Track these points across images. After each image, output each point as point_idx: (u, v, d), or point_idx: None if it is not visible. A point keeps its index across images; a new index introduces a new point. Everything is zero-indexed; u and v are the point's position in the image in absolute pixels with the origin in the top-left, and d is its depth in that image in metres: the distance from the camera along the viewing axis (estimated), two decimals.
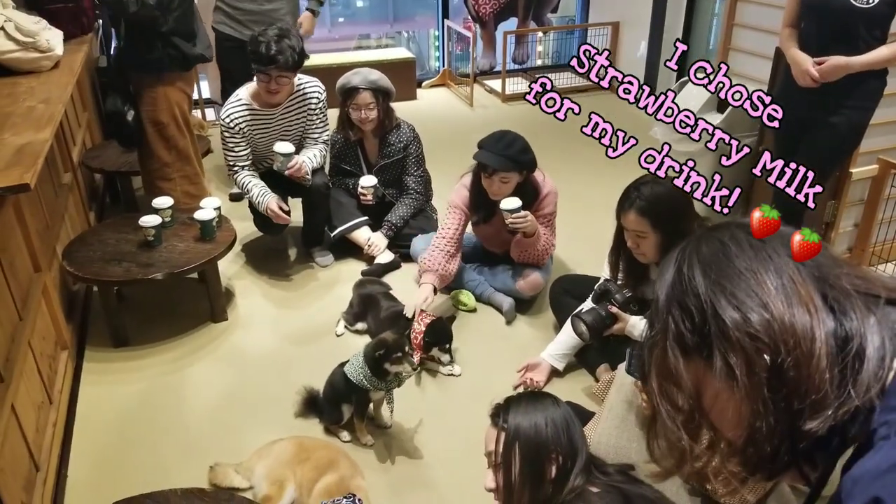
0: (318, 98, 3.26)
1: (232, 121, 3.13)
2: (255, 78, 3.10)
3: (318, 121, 3.31)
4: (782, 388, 0.71)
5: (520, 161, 2.80)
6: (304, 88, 3.23)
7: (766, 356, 0.71)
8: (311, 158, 3.23)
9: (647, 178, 2.30)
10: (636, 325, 2.29)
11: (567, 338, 2.55)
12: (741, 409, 0.74)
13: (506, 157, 2.77)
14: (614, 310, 2.33)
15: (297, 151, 3.22)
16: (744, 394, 0.73)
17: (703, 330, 0.75)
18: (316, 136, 3.32)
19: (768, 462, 0.75)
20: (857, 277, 0.76)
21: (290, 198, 3.35)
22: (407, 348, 2.21)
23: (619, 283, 2.43)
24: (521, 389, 2.51)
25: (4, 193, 1.62)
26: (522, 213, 2.77)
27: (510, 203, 2.76)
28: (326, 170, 3.44)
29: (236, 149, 3.18)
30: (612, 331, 2.35)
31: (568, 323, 2.50)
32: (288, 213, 3.17)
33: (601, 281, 2.47)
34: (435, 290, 2.90)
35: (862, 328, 0.72)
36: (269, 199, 3.12)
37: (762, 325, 0.72)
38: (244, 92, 3.16)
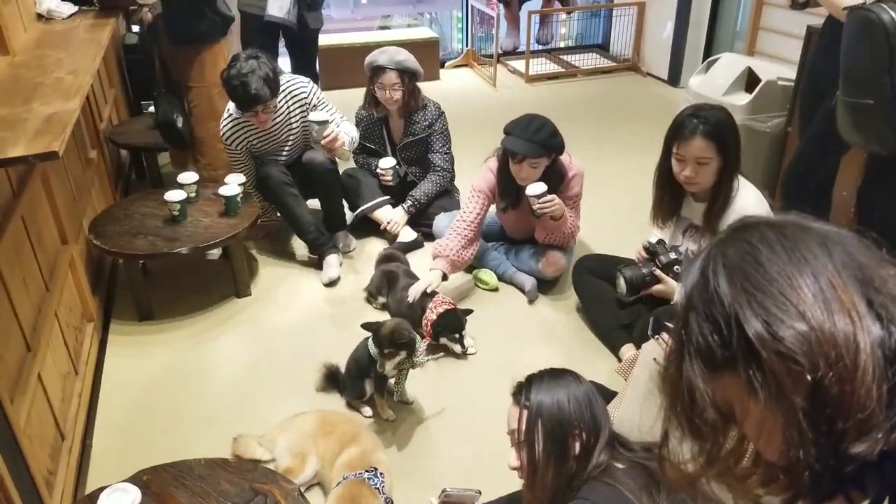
0: (305, 91, 3.16)
1: (227, 137, 3.14)
2: None
3: (320, 105, 3.20)
4: (824, 409, 0.63)
5: (549, 146, 2.76)
6: (289, 87, 3.13)
7: (806, 375, 0.62)
8: (346, 133, 3.19)
9: (705, 105, 2.31)
10: (678, 290, 2.26)
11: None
12: (776, 432, 0.66)
13: (535, 142, 2.73)
14: (658, 272, 2.36)
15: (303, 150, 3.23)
16: (775, 418, 0.65)
17: (730, 343, 0.67)
18: (335, 123, 3.26)
19: (810, 488, 0.66)
20: None
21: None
22: (405, 341, 2.19)
23: (666, 245, 2.44)
24: None
25: (34, 161, 1.63)
26: (549, 196, 2.73)
27: (536, 188, 2.72)
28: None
29: (237, 164, 3.22)
30: (652, 291, 2.39)
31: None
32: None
33: (651, 241, 2.47)
34: (445, 277, 2.87)
35: None
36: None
37: (796, 340, 0.63)
38: (232, 106, 3.07)
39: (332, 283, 3.10)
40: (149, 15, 3.29)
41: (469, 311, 2.70)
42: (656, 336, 1.92)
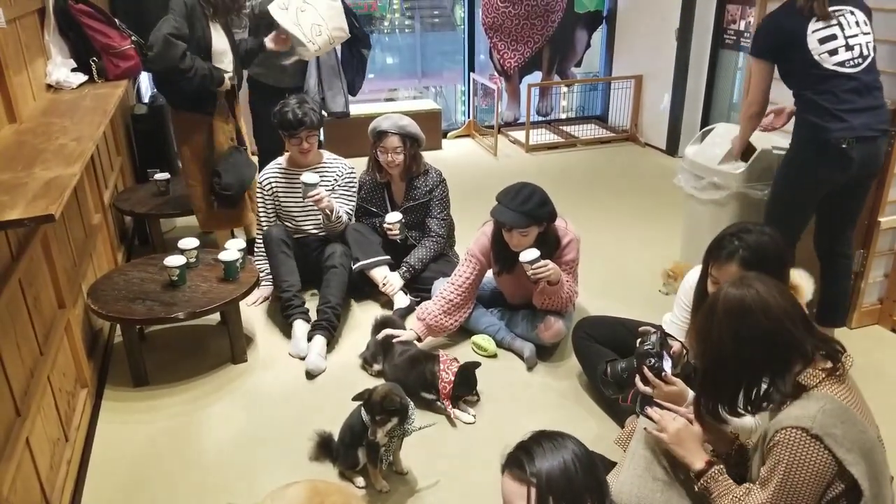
0: (340, 172, 3.45)
1: (265, 179, 3.45)
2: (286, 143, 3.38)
3: (343, 192, 3.44)
4: None
5: (536, 216, 2.76)
6: (330, 163, 3.46)
7: None
8: (340, 207, 3.36)
9: (749, 226, 2.11)
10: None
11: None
12: None
13: (522, 213, 2.74)
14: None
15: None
16: None
17: None
18: (340, 204, 3.40)
19: None
20: None
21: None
22: (396, 407, 2.15)
23: (661, 339, 2.04)
24: None
25: (29, 224, 1.65)
26: (542, 262, 2.73)
27: (529, 255, 2.72)
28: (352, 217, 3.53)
29: (261, 209, 3.48)
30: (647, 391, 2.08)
31: None
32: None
33: (648, 328, 2.14)
34: (419, 339, 2.94)
35: None
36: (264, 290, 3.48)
37: None
38: (282, 158, 3.46)
39: (301, 358, 2.98)
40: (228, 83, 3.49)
41: (477, 365, 2.68)
42: (643, 413, 1.87)
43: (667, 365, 1.90)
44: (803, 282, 2.55)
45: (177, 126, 3.53)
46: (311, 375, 2.91)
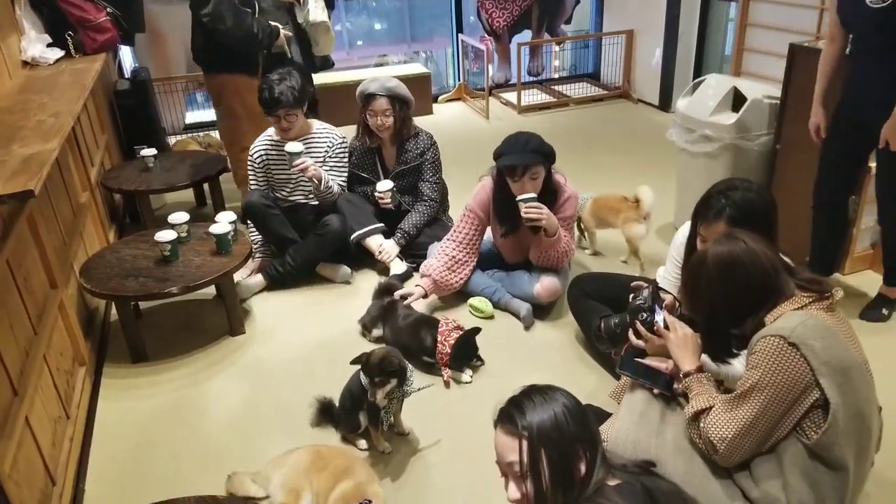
0: (332, 142, 3.39)
1: (256, 151, 3.41)
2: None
3: (334, 163, 3.40)
4: None
5: (544, 152, 2.79)
6: (319, 133, 3.39)
7: None
8: (331, 179, 3.33)
9: (737, 182, 2.07)
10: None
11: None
12: None
13: (529, 151, 2.76)
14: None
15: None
16: None
17: None
18: (331, 176, 3.36)
19: None
20: None
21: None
22: (395, 369, 2.16)
23: (653, 293, 2.05)
24: None
25: (8, 201, 1.63)
26: (537, 203, 2.74)
27: (526, 196, 2.75)
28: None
29: (252, 180, 3.47)
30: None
31: None
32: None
33: (641, 283, 2.14)
34: (425, 294, 2.96)
35: None
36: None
37: None
38: (272, 129, 3.38)
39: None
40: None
41: (478, 330, 2.68)
42: (622, 372, 1.88)
43: (659, 318, 1.90)
44: (645, 196, 3.17)
45: (216, 91, 3.61)
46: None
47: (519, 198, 2.75)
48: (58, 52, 2.90)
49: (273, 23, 3.47)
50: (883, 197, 2.76)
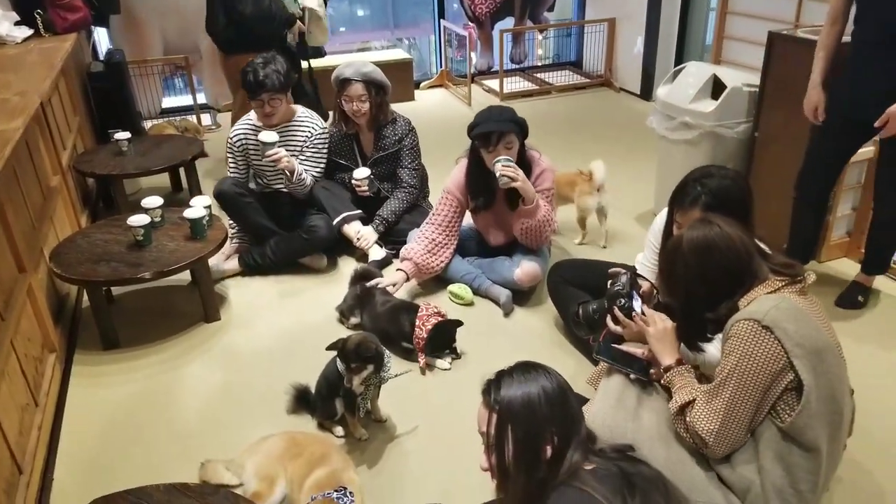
0: (310, 132, 3.31)
1: (236, 136, 3.34)
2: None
3: (311, 153, 3.32)
4: None
5: (518, 121, 2.82)
6: (301, 121, 3.32)
7: None
8: (305, 171, 3.28)
9: (713, 170, 2.06)
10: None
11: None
12: None
13: (504, 120, 2.79)
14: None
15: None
16: None
17: None
18: (307, 167, 3.30)
19: None
20: None
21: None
22: (371, 355, 2.14)
23: (631, 279, 2.03)
24: None
25: None
26: (513, 164, 2.75)
27: (501, 158, 2.76)
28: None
29: (231, 165, 3.39)
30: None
31: None
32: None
33: (618, 270, 2.15)
34: (407, 278, 2.95)
35: None
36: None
37: None
38: (253, 114, 3.33)
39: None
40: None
41: (459, 323, 2.65)
42: (599, 358, 1.87)
43: (636, 304, 1.90)
44: (597, 170, 3.30)
45: (234, 72, 3.56)
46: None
47: (494, 160, 2.76)
48: (26, 31, 2.82)
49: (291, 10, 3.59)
50: (885, 189, 2.72)
